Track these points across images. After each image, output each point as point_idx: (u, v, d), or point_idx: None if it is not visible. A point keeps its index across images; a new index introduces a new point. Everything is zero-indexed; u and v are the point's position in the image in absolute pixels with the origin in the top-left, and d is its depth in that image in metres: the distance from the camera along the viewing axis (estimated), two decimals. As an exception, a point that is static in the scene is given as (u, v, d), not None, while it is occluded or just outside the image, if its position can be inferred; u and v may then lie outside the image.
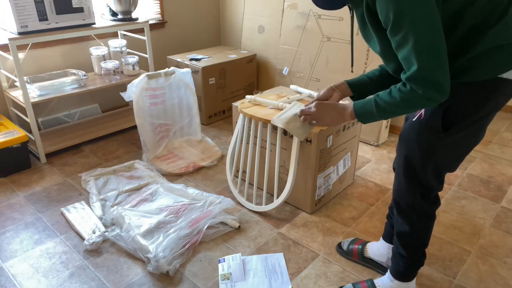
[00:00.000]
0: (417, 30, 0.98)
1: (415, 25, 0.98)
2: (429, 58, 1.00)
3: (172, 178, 2.39)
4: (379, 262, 1.66)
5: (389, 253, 1.62)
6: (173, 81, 2.59)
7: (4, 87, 2.63)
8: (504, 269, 1.72)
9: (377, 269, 1.68)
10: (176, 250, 1.74)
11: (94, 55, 2.84)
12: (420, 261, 1.43)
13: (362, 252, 1.70)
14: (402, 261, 1.42)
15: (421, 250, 1.41)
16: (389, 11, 0.99)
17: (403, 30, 0.99)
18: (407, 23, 0.98)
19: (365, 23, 1.15)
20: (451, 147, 1.19)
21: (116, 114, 3.16)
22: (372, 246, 1.70)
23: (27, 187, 2.30)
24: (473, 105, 1.11)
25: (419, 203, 1.30)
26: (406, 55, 1.03)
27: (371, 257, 1.68)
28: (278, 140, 1.95)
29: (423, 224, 1.35)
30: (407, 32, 0.99)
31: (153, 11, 3.33)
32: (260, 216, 2.05)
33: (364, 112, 1.21)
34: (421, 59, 1.00)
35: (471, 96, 1.10)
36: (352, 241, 1.78)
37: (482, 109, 1.11)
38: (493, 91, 1.08)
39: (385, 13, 1.01)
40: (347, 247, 1.76)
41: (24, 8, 2.21)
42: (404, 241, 1.40)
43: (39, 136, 2.51)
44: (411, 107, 1.10)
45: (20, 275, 1.68)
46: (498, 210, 2.11)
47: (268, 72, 3.42)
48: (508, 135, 2.95)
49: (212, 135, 2.97)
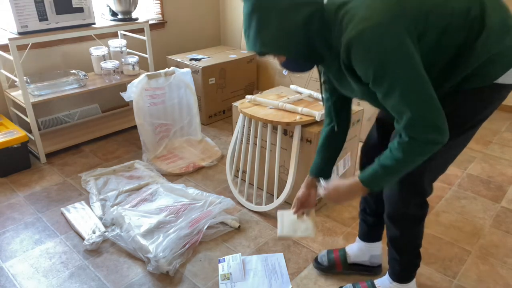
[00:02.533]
0: (400, 81, 0.97)
1: (397, 77, 0.97)
2: (418, 104, 0.99)
3: (172, 178, 2.39)
4: (363, 263, 1.66)
5: (370, 251, 1.63)
6: (173, 81, 2.59)
7: (4, 87, 2.63)
8: (504, 269, 1.72)
9: (362, 271, 1.66)
10: (176, 250, 1.74)
11: (94, 55, 2.84)
12: (416, 263, 1.42)
13: (345, 259, 1.66)
14: (398, 264, 1.42)
15: (414, 252, 1.40)
16: (367, 69, 0.99)
17: (386, 83, 0.99)
18: (389, 76, 0.98)
19: (343, 78, 1.14)
20: (448, 152, 1.19)
21: (116, 114, 3.16)
22: (352, 249, 1.67)
23: (27, 187, 2.30)
24: (472, 110, 1.12)
25: (411, 210, 1.30)
26: (394, 105, 1.02)
27: (355, 261, 1.66)
28: (278, 140, 1.95)
29: (414, 228, 1.35)
30: (390, 84, 0.98)
31: (153, 11, 3.33)
32: (260, 216, 2.05)
33: (375, 181, 1.15)
34: (411, 106, 0.99)
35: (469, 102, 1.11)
36: (328, 252, 1.71)
37: (481, 113, 1.13)
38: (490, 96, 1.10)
39: (363, 71, 1.01)
40: (327, 260, 1.68)
41: (24, 8, 2.21)
42: (397, 246, 1.40)
43: (39, 136, 2.51)
44: (418, 157, 1.06)
45: (20, 275, 1.68)
46: (498, 210, 2.11)
47: (268, 72, 3.42)
48: (508, 135, 2.95)
49: (212, 135, 2.97)
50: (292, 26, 1.04)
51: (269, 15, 1.03)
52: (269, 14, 1.03)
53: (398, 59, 0.96)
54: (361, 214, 1.61)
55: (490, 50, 1.04)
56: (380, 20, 0.95)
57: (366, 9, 0.98)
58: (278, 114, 1.95)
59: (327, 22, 1.06)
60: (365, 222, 1.59)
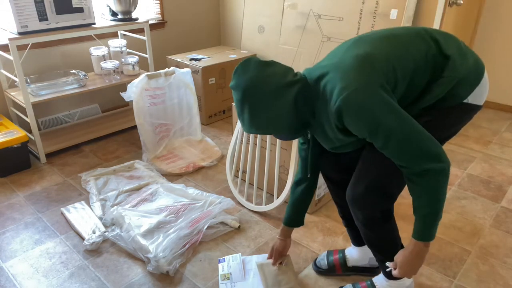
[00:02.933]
0: (392, 128, 1.06)
1: (389, 126, 1.06)
2: (415, 142, 1.07)
3: (172, 178, 2.39)
4: (363, 266, 1.66)
5: (367, 253, 1.63)
6: (173, 81, 2.59)
7: (4, 87, 2.63)
8: (504, 269, 1.72)
9: (363, 273, 1.66)
10: (176, 250, 1.74)
11: (94, 55, 2.84)
12: None
13: (345, 263, 1.66)
14: (384, 264, 1.42)
15: (395, 248, 1.39)
16: (362, 128, 1.09)
17: (382, 134, 1.08)
18: (382, 128, 1.07)
19: (327, 137, 1.23)
20: None
21: (116, 114, 3.16)
22: (351, 253, 1.67)
23: (27, 187, 2.30)
24: (444, 124, 1.23)
25: (379, 211, 1.31)
26: (394, 151, 1.09)
27: (355, 265, 1.66)
28: (278, 140, 1.95)
29: (386, 226, 1.36)
30: (386, 134, 1.07)
31: (153, 11, 3.33)
32: (260, 216, 2.05)
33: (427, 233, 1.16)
34: (410, 147, 1.07)
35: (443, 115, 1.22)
36: (327, 254, 1.71)
37: (449, 130, 1.25)
38: (459, 114, 1.23)
39: (358, 130, 1.11)
40: (326, 263, 1.68)
41: (24, 8, 2.21)
42: (375, 246, 1.41)
43: (39, 136, 2.51)
44: (439, 188, 1.09)
45: (20, 275, 1.68)
46: (498, 210, 2.11)
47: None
48: (508, 135, 2.95)
49: (212, 135, 2.97)
50: (282, 108, 1.15)
51: (259, 103, 1.13)
52: (259, 102, 1.13)
53: (384, 109, 1.06)
54: (343, 221, 1.63)
55: (457, 75, 1.16)
56: (358, 86, 1.07)
57: (343, 79, 1.09)
58: (278, 114, 1.95)
59: (310, 95, 1.18)
60: (350, 227, 1.61)
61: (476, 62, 1.21)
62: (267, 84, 1.13)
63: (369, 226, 1.36)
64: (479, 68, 1.21)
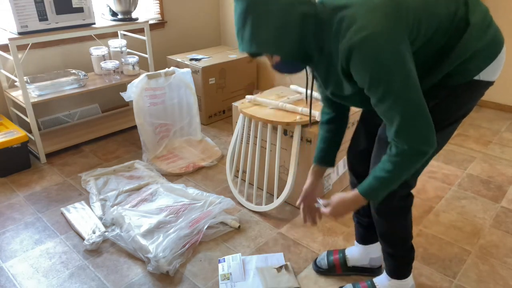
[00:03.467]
0: (395, 89, 0.99)
1: (392, 85, 0.99)
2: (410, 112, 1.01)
3: (172, 178, 2.39)
4: (363, 266, 1.66)
5: (369, 253, 1.62)
6: (173, 81, 2.59)
7: (4, 87, 2.63)
8: (504, 269, 1.72)
9: (362, 273, 1.66)
10: (176, 250, 1.74)
11: (94, 55, 2.84)
12: (410, 256, 1.43)
13: (345, 263, 1.66)
14: (392, 259, 1.43)
15: (406, 244, 1.40)
16: (365, 76, 1.01)
17: (381, 89, 1.00)
18: (385, 84, 0.99)
19: (329, 79, 1.15)
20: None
21: (116, 114, 3.16)
22: (352, 252, 1.67)
23: (27, 187, 2.30)
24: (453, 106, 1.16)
25: (397, 203, 1.31)
26: (386, 111, 1.04)
27: (355, 265, 1.66)
28: (278, 140, 1.95)
29: (401, 220, 1.36)
30: (385, 91, 1.00)
31: (153, 11, 3.33)
32: (260, 216, 2.05)
33: (374, 192, 1.17)
34: (403, 114, 1.01)
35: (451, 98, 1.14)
36: (328, 254, 1.71)
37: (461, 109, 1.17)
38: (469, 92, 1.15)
39: (360, 77, 1.02)
40: (326, 263, 1.68)
41: (24, 8, 2.21)
42: (387, 240, 1.40)
43: (39, 136, 2.51)
44: (408, 168, 1.08)
45: (20, 275, 1.68)
46: (498, 210, 2.11)
47: (268, 72, 3.42)
48: (508, 135, 2.95)
49: (212, 135, 2.97)
50: (288, 25, 1.03)
51: (265, 14, 1.02)
52: (265, 13, 1.02)
53: (395, 67, 0.98)
54: (355, 216, 1.61)
55: (472, 47, 1.07)
56: (380, 30, 0.97)
57: (366, 17, 0.98)
58: (278, 114, 1.96)
59: (320, 23, 1.06)
60: (360, 224, 1.60)
61: (495, 35, 1.11)
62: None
63: (386, 217, 1.34)
64: (497, 42, 1.11)
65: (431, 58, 1.09)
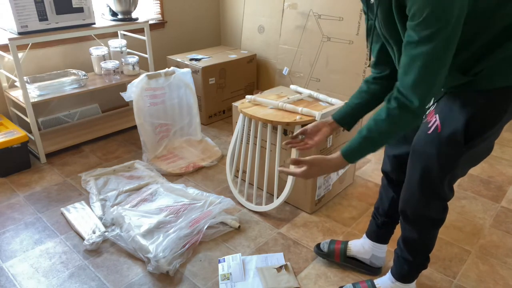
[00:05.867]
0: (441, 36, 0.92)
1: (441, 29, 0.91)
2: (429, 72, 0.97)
3: (172, 178, 2.39)
4: (362, 260, 1.66)
5: (374, 250, 1.62)
6: (173, 81, 2.59)
7: (4, 87, 2.63)
8: (504, 269, 1.72)
9: (360, 268, 1.67)
10: (176, 250, 1.74)
11: (94, 55, 2.84)
12: (424, 265, 1.42)
13: (345, 252, 1.67)
14: (407, 265, 1.41)
15: (426, 254, 1.40)
16: (425, 7, 0.91)
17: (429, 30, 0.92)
18: (428, 19, 0.91)
19: (389, 20, 1.07)
20: (470, 158, 1.17)
21: (116, 114, 3.16)
22: (356, 244, 1.67)
23: (27, 187, 2.30)
24: (494, 114, 1.08)
25: (432, 213, 1.29)
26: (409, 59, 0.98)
27: (355, 256, 1.66)
28: (278, 140, 1.95)
29: (432, 231, 1.34)
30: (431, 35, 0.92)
31: (153, 11, 3.33)
32: (260, 216, 2.05)
33: (351, 149, 1.15)
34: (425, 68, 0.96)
35: (491, 105, 1.06)
36: (331, 241, 1.74)
37: (503, 117, 1.08)
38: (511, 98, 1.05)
39: (416, 7, 0.92)
40: (327, 248, 1.71)
41: (24, 8, 2.21)
42: (410, 247, 1.38)
43: (39, 136, 2.51)
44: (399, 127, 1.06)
45: (20, 275, 1.68)
46: (498, 210, 2.11)
47: (268, 72, 3.42)
48: (508, 135, 2.95)
49: (212, 135, 2.97)
50: None
51: None
52: None
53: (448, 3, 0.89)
54: (374, 211, 1.61)
55: None
56: None
57: None
58: (278, 114, 1.96)
59: None
60: (375, 221, 1.59)
61: None
62: None
63: (417, 225, 1.32)
64: None
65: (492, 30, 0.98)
